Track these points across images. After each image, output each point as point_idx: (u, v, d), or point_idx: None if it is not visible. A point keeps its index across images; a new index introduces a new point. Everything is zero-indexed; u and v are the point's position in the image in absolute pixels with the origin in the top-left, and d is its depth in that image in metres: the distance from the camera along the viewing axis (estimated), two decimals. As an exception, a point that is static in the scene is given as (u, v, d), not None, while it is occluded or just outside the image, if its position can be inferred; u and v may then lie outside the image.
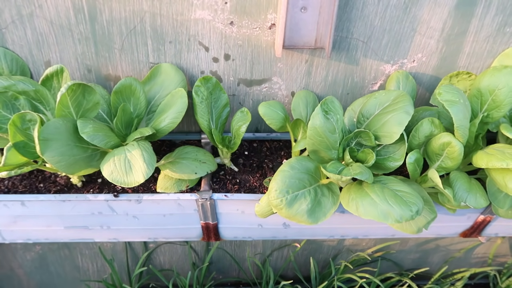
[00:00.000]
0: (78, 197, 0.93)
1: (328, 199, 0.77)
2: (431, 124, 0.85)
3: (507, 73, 0.83)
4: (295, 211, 0.73)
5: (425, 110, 0.93)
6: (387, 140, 0.83)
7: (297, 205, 0.74)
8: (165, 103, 0.91)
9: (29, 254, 1.34)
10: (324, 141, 0.79)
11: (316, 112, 0.77)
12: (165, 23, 0.86)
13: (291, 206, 0.73)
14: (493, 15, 0.87)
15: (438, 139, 0.83)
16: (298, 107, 0.96)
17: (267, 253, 1.36)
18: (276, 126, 0.83)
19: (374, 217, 0.72)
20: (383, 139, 0.83)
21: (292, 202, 0.73)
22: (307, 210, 0.74)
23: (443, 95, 0.80)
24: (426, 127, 0.85)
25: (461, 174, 0.87)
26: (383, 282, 1.37)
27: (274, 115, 0.83)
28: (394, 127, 0.82)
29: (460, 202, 0.84)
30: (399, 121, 0.82)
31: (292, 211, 0.73)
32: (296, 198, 0.74)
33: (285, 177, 0.75)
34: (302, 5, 0.81)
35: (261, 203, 0.86)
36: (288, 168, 0.77)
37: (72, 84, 0.76)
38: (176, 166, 0.91)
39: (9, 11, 0.83)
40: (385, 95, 0.87)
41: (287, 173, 0.76)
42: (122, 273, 1.41)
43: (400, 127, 0.81)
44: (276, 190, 0.73)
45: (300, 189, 0.75)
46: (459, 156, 0.81)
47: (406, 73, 0.94)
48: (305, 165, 0.79)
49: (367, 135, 0.84)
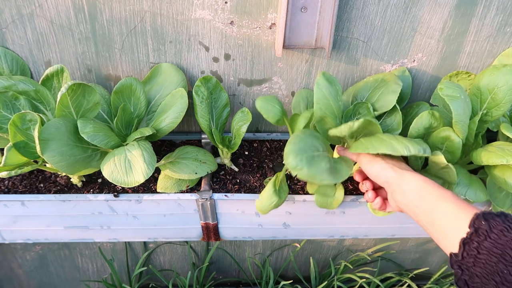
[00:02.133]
0: (78, 197, 0.92)
1: (342, 165, 0.75)
2: (431, 116, 0.85)
3: (506, 72, 0.83)
4: (316, 169, 0.69)
5: (419, 105, 0.95)
6: (384, 108, 0.87)
7: (317, 164, 0.71)
8: (166, 103, 0.91)
9: (29, 254, 1.34)
10: (330, 104, 0.78)
11: (320, 78, 0.77)
12: (165, 22, 0.86)
13: (311, 165, 0.70)
14: (493, 15, 0.87)
15: (438, 133, 0.84)
16: (298, 105, 0.96)
17: (267, 253, 1.36)
18: (273, 119, 0.82)
19: (384, 149, 0.69)
20: (381, 109, 0.87)
21: (311, 161, 0.70)
22: (327, 169, 0.71)
23: (445, 90, 0.80)
24: (426, 119, 0.85)
25: (461, 168, 0.87)
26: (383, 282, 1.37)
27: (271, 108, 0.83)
28: (388, 96, 0.87)
29: (460, 195, 0.84)
30: (392, 90, 0.86)
31: (313, 170, 0.69)
32: (314, 158, 0.71)
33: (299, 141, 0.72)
34: (303, 5, 0.81)
35: (261, 197, 0.85)
36: (300, 133, 0.75)
37: (72, 84, 0.76)
38: (176, 166, 0.91)
39: (9, 10, 0.83)
40: (373, 78, 0.92)
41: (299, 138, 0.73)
42: (122, 273, 1.41)
43: (394, 95, 0.86)
44: (293, 152, 0.70)
45: (315, 152, 0.73)
46: (457, 150, 0.82)
47: (403, 68, 0.95)
48: (315, 134, 0.77)
49: (366, 107, 0.86)
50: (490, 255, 0.55)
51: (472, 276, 0.57)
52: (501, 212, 0.59)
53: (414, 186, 0.69)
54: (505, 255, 0.54)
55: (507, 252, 0.54)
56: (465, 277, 0.58)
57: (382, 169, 0.74)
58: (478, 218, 0.59)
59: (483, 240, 0.57)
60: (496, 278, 0.54)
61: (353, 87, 0.94)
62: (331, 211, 0.99)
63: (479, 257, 0.56)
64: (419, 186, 0.68)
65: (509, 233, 0.56)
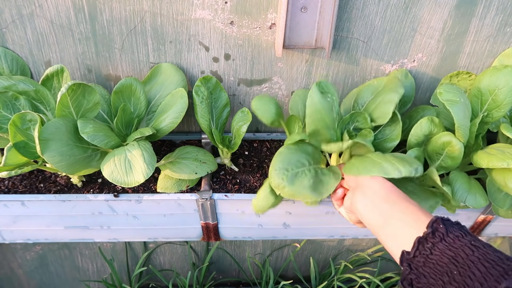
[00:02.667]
0: (78, 197, 0.92)
1: (329, 177, 0.75)
2: (431, 123, 0.85)
3: (507, 73, 0.83)
4: (297, 187, 0.70)
5: (425, 109, 0.93)
6: (381, 120, 0.84)
7: (299, 182, 0.71)
8: (166, 103, 0.91)
9: (29, 254, 1.34)
10: (323, 118, 0.78)
11: (313, 90, 0.76)
12: (165, 22, 0.86)
13: (293, 183, 0.71)
14: (493, 15, 0.87)
15: (438, 139, 0.83)
16: (296, 106, 0.95)
17: (267, 253, 1.36)
18: (267, 120, 0.82)
19: (376, 172, 0.69)
20: (378, 120, 0.85)
21: (293, 179, 0.71)
22: (309, 186, 0.71)
23: (444, 94, 0.80)
24: (426, 126, 0.85)
25: (461, 174, 0.87)
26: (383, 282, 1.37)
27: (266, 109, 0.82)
28: (385, 106, 0.83)
29: (459, 202, 0.84)
30: (389, 100, 0.83)
31: (295, 188, 0.70)
32: (297, 175, 0.72)
33: (283, 158, 0.73)
34: (302, 5, 0.81)
35: (258, 197, 0.85)
36: (285, 149, 0.75)
37: (72, 84, 0.76)
38: (176, 166, 0.91)
39: (9, 10, 0.83)
40: (377, 82, 0.90)
41: (284, 155, 0.74)
42: (122, 273, 1.41)
43: (391, 105, 0.82)
44: (276, 170, 0.71)
45: (299, 168, 0.73)
46: (459, 156, 0.81)
47: (405, 71, 0.94)
48: (303, 147, 0.77)
49: (363, 117, 0.85)
50: (442, 256, 0.56)
51: (419, 276, 0.57)
52: (457, 222, 0.60)
53: (383, 187, 0.70)
54: (457, 257, 0.55)
55: (459, 255, 0.55)
56: (412, 276, 0.58)
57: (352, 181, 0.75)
58: (437, 221, 0.59)
59: (438, 242, 0.57)
60: (444, 278, 0.54)
61: (355, 90, 0.93)
62: (331, 211, 0.99)
63: (430, 257, 0.57)
64: (388, 188, 0.69)
65: (463, 239, 0.56)
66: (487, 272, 0.52)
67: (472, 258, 0.54)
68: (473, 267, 0.53)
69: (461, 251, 0.55)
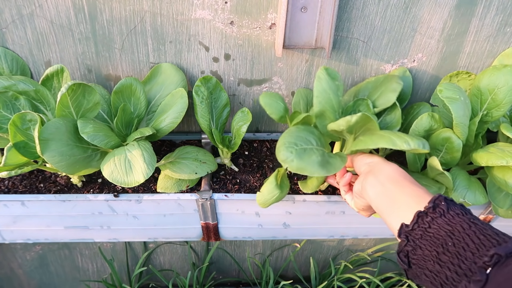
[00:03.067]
0: (78, 197, 0.92)
1: (335, 159, 0.75)
2: (431, 118, 0.85)
3: (506, 72, 0.83)
4: (306, 162, 0.70)
5: (420, 105, 0.95)
6: (384, 106, 0.86)
7: (307, 157, 0.70)
8: (166, 103, 0.91)
9: (29, 254, 1.34)
10: (330, 99, 0.78)
11: (321, 72, 0.77)
12: (165, 22, 0.86)
13: (301, 157, 0.70)
14: (493, 15, 0.87)
15: (438, 134, 0.83)
16: (298, 104, 0.95)
17: (267, 253, 1.36)
18: (276, 116, 0.83)
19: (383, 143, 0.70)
20: (381, 106, 0.86)
21: (302, 154, 0.70)
22: (318, 161, 0.71)
23: (444, 92, 0.80)
24: (426, 121, 0.86)
25: (461, 170, 0.87)
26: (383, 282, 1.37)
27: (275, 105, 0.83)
28: (388, 94, 0.85)
29: (459, 198, 0.84)
30: (392, 89, 0.85)
31: (303, 162, 0.70)
32: (306, 151, 0.71)
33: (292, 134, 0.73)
34: (302, 5, 0.81)
35: (262, 190, 0.85)
36: (294, 128, 0.75)
37: (72, 84, 0.76)
38: (176, 166, 0.91)
39: (9, 10, 0.83)
40: (375, 78, 0.91)
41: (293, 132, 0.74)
42: (122, 273, 1.41)
43: (395, 93, 0.84)
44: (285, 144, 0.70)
45: (308, 145, 0.73)
46: (457, 152, 0.82)
47: (403, 69, 0.94)
48: (310, 129, 0.77)
49: (365, 103, 0.86)
50: (440, 229, 0.57)
51: (416, 248, 0.58)
52: (461, 204, 0.61)
53: (395, 171, 0.71)
54: (454, 231, 0.56)
55: (456, 229, 0.56)
56: (409, 248, 0.59)
57: (369, 157, 0.76)
58: (439, 198, 0.60)
59: (437, 217, 0.58)
60: (438, 249, 0.55)
61: (355, 87, 0.94)
62: (331, 211, 0.99)
63: (428, 230, 0.58)
64: (400, 173, 0.70)
65: (463, 216, 0.57)
66: (480, 243, 0.53)
67: (468, 232, 0.55)
68: (467, 239, 0.54)
69: (458, 226, 0.56)
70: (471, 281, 0.50)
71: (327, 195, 0.95)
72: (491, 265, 0.49)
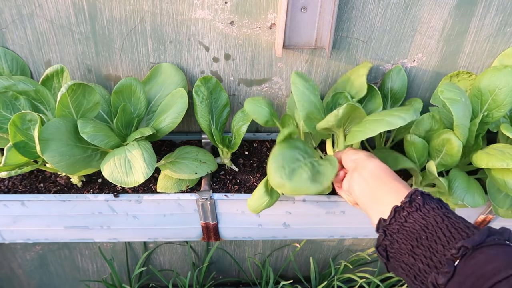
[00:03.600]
0: (78, 197, 0.92)
1: (326, 166, 0.75)
2: (432, 119, 0.85)
3: (507, 73, 0.83)
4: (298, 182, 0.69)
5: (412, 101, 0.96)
6: (360, 94, 0.87)
7: (297, 177, 0.71)
8: (166, 103, 0.91)
9: (29, 254, 1.34)
10: (311, 100, 0.79)
11: (294, 78, 0.78)
12: (165, 22, 0.86)
13: (292, 179, 0.70)
14: (493, 15, 0.87)
15: (439, 136, 0.83)
16: (293, 105, 0.95)
17: (267, 253, 1.36)
18: (261, 121, 0.83)
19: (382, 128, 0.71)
20: (357, 94, 0.88)
21: (291, 175, 0.70)
22: (308, 178, 0.71)
23: (445, 93, 0.80)
24: (427, 121, 0.86)
25: (460, 172, 0.87)
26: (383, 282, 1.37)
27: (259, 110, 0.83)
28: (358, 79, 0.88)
29: (458, 200, 0.84)
30: (360, 74, 0.88)
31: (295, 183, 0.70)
32: (294, 171, 0.71)
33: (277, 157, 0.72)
34: (302, 5, 0.81)
35: (253, 197, 0.85)
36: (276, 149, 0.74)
37: (72, 84, 0.76)
38: (176, 166, 0.91)
39: (9, 10, 0.83)
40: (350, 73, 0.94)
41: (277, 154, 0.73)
42: (122, 273, 1.41)
43: (363, 77, 0.87)
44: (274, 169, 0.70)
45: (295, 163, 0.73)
46: (457, 153, 0.81)
47: (398, 67, 0.95)
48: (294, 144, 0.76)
49: (343, 95, 0.87)
50: (415, 224, 0.58)
51: (393, 242, 0.60)
52: (439, 198, 0.62)
53: (377, 167, 0.72)
54: (428, 225, 0.57)
55: (430, 223, 0.57)
56: (386, 242, 0.61)
57: (355, 153, 0.77)
58: (416, 193, 0.62)
59: (413, 211, 0.60)
60: (413, 243, 0.57)
61: (331, 89, 0.96)
62: (331, 211, 0.99)
63: (405, 224, 0.59)
64: (382, 168, 0.71)
65: (439, 210, 0.59)
66: (451, 236, 0.54)
67: (441, 225, 0.56)
68: (440, 232, 0.55)
69: (432, 220, 0.57)
70: (439, 272, 0.52)
71: (327, 195, 0.95)
72: (458, 257, 0.51)
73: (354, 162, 0.75)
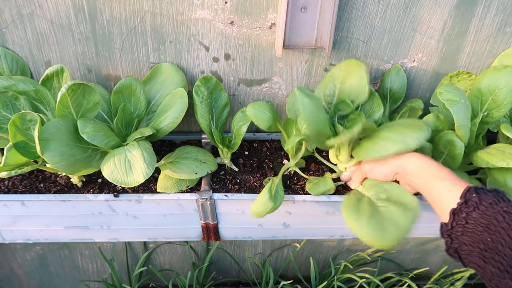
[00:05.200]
0: (78, 197, 0.92)
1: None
2: (436, 119, 0.85)
3: (507, 73, 0.83)
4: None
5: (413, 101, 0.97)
6: (361, 98, 0.87)
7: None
8: (166, 103, 0.91)
9: (29, 254, 1.34)
10: (319, 117, 0.79)
11: (299, 95, 0.78)
12: (165, 22, 0.86)
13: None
14: (493, 15, 0.87)
15: (442, 136, 0.83)
16: (292, 106, 0.95)
17: (267, 253, 1.36)
18: (264, 126, 0.83)
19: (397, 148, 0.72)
20: (357, 99, 0.87)
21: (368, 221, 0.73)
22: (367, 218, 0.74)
23: (444, 94, 0.80)
24: (431, 122, 0.86)
25: (461, 174, 0.87)
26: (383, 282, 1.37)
27: (261, 115, 0.83)
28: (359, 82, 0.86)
29: None
30: (360, 76, 0.85)
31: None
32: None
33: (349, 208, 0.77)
34: (302, 5, 0.81)
35: (256, 202, 0.86)
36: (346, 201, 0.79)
37: (72, 84, 0.76)
38: (176, 166, 0.91)
39: (9, 10, 0.83)
40: (337, 68, 0.90)
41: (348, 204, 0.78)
42: (122, 273, 1.41)
43: (363, 80, 0.85)
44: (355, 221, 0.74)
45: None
46: (459, 155, 0.81)
47: (398, 67, 0.95)
48: (357, 197, 0.80)
49: (345, 103, 0.87)
50: (477, 224, 0.59)
51: (461, 244, 0.61)
52: (494, 189, 0.62)
53: (413, 166, 0.72)
54: (490, 225, 0.57)
55: (492, 223, 0.57)
56: (455, 245, 0.62)
57: (387, 169, 0.77)
58: (470, 191, 0.62)
59: (471, 211, 0.60)
60: (480, 246, 0.58)
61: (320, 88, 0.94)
62: (331, 211, 0.99)
63: (467, 226, 0.60)
64: (417, 165, 0.72)
65: (497, 206, 0.59)
66: None
67: (503, 225, 0.56)
68: (503, 233, 0.56)
69: (493, 219, 0.58)
70: None
71: (327, 195, 0.95)
72: None
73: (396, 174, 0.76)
